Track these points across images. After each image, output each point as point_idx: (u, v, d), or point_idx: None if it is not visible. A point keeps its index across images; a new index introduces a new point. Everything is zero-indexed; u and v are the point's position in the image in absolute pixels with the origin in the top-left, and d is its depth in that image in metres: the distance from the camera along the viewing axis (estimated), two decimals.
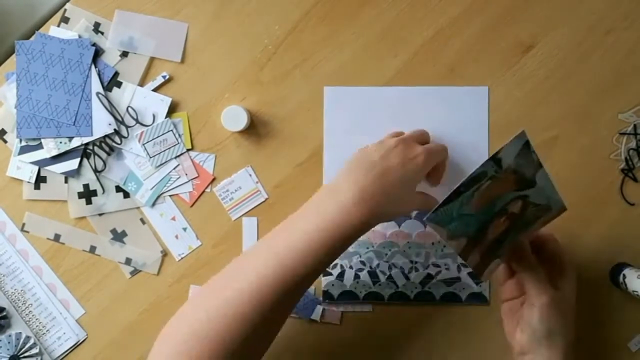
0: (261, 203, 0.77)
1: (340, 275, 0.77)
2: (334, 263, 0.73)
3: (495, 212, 0.65)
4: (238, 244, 0.78)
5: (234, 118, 0.74)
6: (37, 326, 0.77)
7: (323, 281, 0.77)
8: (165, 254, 0.78)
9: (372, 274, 0.77)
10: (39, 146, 0.76)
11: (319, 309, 0.77)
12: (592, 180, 0.77)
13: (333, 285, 0.77)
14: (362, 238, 0.70)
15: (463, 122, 0.77)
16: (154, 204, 0.77)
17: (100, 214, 0.77)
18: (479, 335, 0.77)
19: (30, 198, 0.77)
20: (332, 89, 0.77)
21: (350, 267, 0.77)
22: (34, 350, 0.77)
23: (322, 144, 0.77)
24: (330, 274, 0.77)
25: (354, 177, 0.66)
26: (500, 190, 0.64)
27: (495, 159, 0.61)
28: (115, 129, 0.76)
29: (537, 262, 0.68)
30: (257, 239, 0.77)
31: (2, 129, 0.77)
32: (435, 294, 0.77)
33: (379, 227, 0.73)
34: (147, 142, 0.76)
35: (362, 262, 0.77)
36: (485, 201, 0.64)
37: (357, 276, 0.77)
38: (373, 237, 0.77)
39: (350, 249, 0.72)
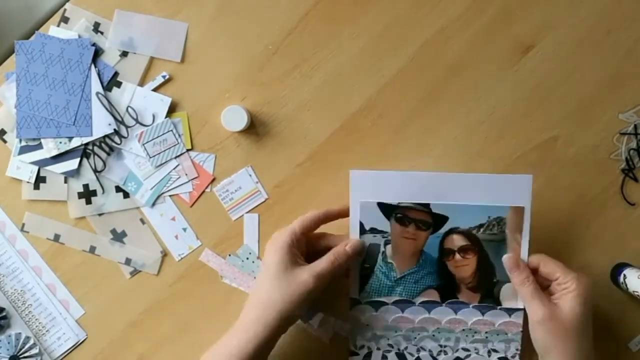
0: (261, 203, 0.77)
1: (367, 356, 0.75)
2: (361, 344, 0.75)
3: (437, 257, 0.72)
4: (238, 244, 0.77)
5: (234, 118, 0.74)
6: (36, 326, 0.77)
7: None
8: (165, 254, 0.78)
9: (400, 356, 0.75)
10: (39, 146, 0.76)
11: (320, 315, 0.76)
12: (593, 180, 0.77)
13: None
14: (389, 323, 0.74)
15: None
16: (153, 204, 0.77)
17: (100, 214, 0.77)
18: None
19: (30, 198, 0.77)
20: (358, 172, 0.70)
21: (378, 349, 0.75)
22: (34, 351, 0.77)
23: (322, 144, 0.77)
24: (357, 354, 0.75)
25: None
26: (413, 244, 0.72)
27: (364, 231, 0.71)
28: (115, 129, 0.76)
29: (526, 278, 0.69)
30: (258, 236, 0.77)
31: (2, 129, 0.77)
32: None
33: (407, 314, 0.74)
34: (147, 142, 0.76)
35: (390, 345, 0.75)
36: (408, 259, 0.72)
37: (384, 357, 0.75)
38: (402, 323, 0.74)
39: (378, 332, 0.74)
